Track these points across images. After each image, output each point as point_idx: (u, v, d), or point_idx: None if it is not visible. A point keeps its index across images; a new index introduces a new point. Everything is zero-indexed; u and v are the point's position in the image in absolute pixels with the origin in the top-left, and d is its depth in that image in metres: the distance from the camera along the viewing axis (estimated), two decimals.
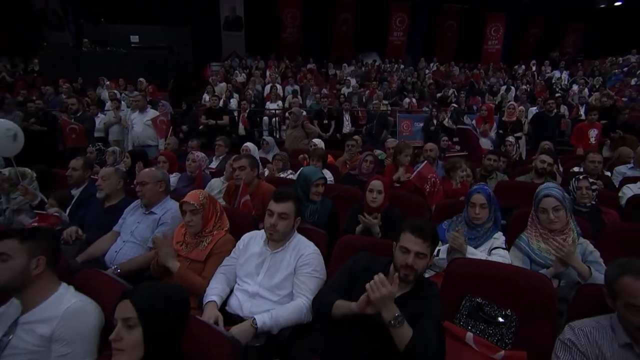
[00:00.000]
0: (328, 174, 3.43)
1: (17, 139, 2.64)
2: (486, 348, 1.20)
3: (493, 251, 1.95)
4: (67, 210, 2.75)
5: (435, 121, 7.16)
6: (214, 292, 1.61)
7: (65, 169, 2.97)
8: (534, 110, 7.38)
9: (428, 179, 3.22)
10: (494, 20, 13.94)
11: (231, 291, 1.68)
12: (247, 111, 7.14)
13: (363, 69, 11.67)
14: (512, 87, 10.57)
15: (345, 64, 11.79)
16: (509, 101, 9.37)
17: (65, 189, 2.93)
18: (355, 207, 2.32)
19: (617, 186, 3.35)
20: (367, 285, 1.24)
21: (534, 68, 12.81)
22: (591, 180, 2.47)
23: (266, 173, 3.72)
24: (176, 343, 1.00)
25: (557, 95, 9.73)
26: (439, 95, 9.61)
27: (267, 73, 10.66)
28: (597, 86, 10.62)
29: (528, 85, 11.04)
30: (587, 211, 2.45)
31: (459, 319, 1.35)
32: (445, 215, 2.25)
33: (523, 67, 13.10)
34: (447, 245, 1.89)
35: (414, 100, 9.05)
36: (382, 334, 1.28)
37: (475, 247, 1.97)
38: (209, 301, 1.58)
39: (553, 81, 11.53)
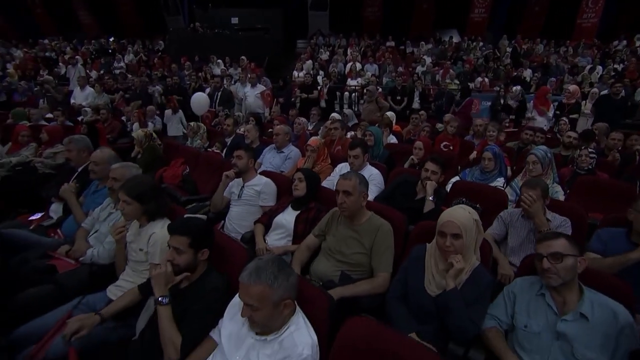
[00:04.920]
0: (393, 138, 4.66)
1: (201, 105, 4.36)
2: None
3: None
4: (224, 152, 4.42)
5: (502, 100, 7.71)
6: None
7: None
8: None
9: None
10: None
11: None
12: (327, 87, 8.46)
13: (440, 47, 12.04)
14: (600, 67, 10.13)
15: (422, 42, 12.27)
16: (590, 82, 9.23)
17: (221, 137, 4.61)
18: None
19: None
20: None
21: (638, 43, 11.74)
22: (590, 150, 3.32)
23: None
24: (317, 192, 2.42)
25: None
26: (514, 74, 9.81)
27: (349, 51, 11.74)
28: None
29: (620, 65, 10.44)
30: (584, 173, 3.33)
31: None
32: (469, 166, 3.37)
33: (625, 42, 12.04)
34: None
35: (486, 79, 9.43)
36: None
37: None
38: None
39: None
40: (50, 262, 2.08)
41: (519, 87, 6.77)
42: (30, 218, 2.88)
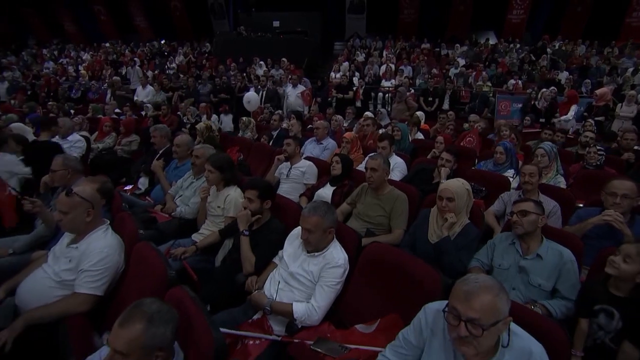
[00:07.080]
0: (421, 135, 5.16)
1: (251, 103, 5.10)
2: None
3: None
4: (270, 143, 5.11)
5: (533, 102, 7.89)
6: None
7: None
8: None
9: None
10: None
11: None
12: (362, 87, 9.00)
13: (475, 49, 12.15)
14: None
15: (457, 44, 12.42)
16: (633, 83, 9.06)
17: (268, 131, 5.32)
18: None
19: None
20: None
21: None
22: (598, 147, 3.66)
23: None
24: (350, 172, 3.02)
25: None
26: (548, 77, 9.81)
27: (384, 53, 12.15)
28: None
29: None
30: (592, 169, 3.68)
31: None
32: (484, 158, 3.84)
33: None
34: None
35: (519, 82, 9.51)
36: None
37: None
38: None
39: None
40: (151, 215, 2.84)
41: (546, 90, 6.99)
42: (125, 188, 3.71)
